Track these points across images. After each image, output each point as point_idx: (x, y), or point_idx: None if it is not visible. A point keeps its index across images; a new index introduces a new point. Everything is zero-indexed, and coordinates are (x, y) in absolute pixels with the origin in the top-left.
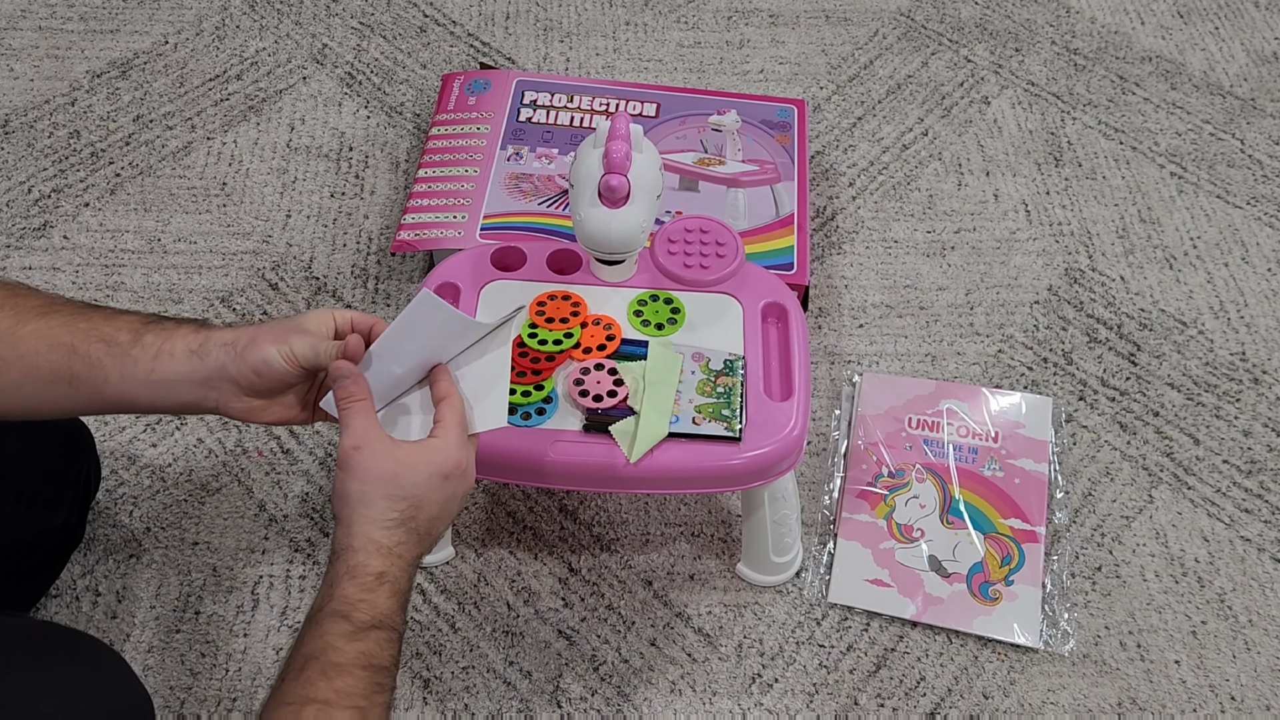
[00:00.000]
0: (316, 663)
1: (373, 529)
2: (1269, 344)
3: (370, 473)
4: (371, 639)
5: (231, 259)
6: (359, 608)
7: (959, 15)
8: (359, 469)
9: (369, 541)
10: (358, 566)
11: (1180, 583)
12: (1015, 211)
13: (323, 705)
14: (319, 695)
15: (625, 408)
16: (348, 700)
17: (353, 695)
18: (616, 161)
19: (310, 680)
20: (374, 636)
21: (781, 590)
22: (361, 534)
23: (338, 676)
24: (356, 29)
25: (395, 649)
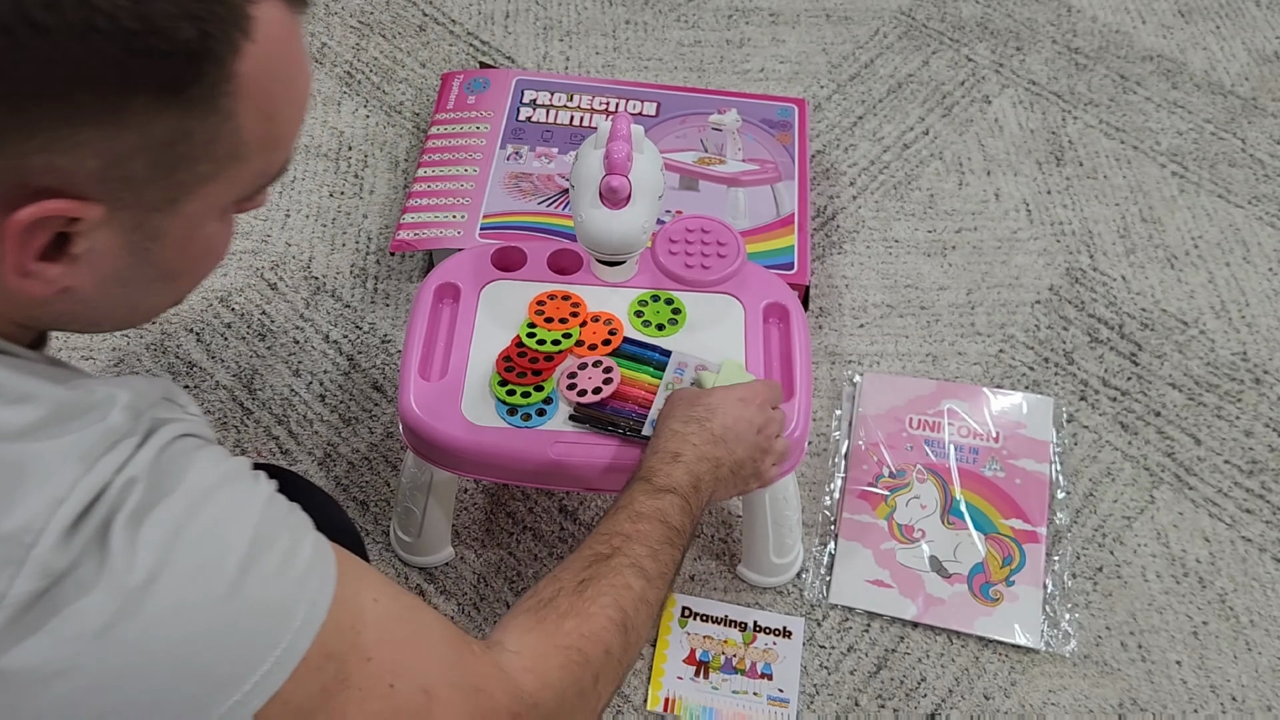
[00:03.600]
0: (624, 510)
1: (673, 421)
2: (1270, 344)
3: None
4: (666, 500)
5: (230, 258)
6: (658, 474)
7: (960, 14)
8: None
9: (667, 430)
10: (660, 447)
11: (1181, 583)
12: (1016, 211)
13: (625, 538)
14: (623, 529)
15: (616, 405)
16: (645, 540)
17: (650, 538)
18: (618, 162)
19: (618, 520)
20: (669, 499)
21: (782, 591)
22: (664, 427)
23: (640, 521)
24: (355, 28)
25: (688, 518)
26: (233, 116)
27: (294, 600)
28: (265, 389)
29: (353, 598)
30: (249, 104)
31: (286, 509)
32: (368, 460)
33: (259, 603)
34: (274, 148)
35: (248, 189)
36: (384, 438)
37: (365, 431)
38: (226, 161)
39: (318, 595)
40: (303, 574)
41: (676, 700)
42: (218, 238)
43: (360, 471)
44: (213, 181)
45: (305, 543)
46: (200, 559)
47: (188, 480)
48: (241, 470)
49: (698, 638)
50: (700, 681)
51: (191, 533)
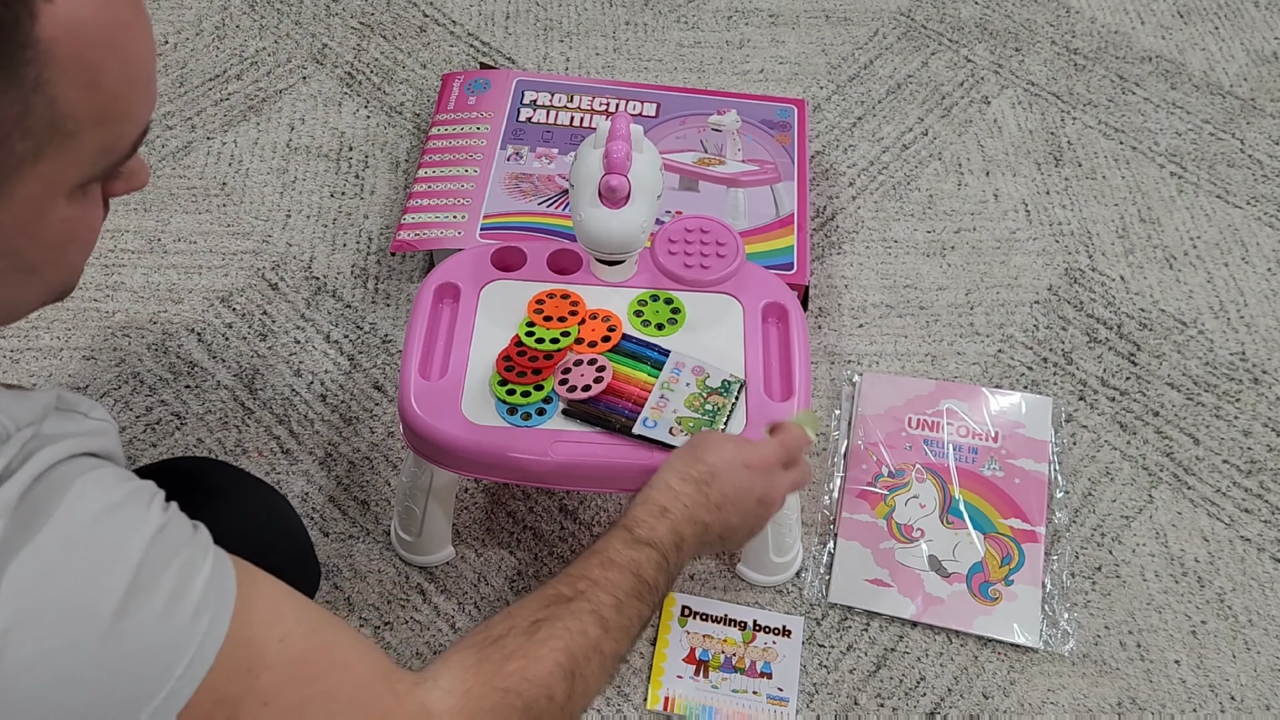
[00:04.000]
0: (596, 555)
1: (669, 475)
2: (1269, 344)
3: (687, 444)
4: (644, 553)
5: (231, 259)
6: (641, 525)
7: (959, 15)
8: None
9: (662, 483)
10: (648, 498)
11: (1180, 582)
12: (1015, 211)
13: (592, 583)
14: (591, 575)
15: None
16: (612, 589)
17: (617, 588)
18: (617, 162)
19: (588, 565)
20: (646, 553)
21: (781, 590)
22: (660, 479)
23: (611, 569)
24: (356, 29)
25: (663, 575)
26: (43, 87)
27: (178, 645)
28: (266, 389)
29: (257, 638)
30: (62, 73)
31: (179, 541)
32: (368, 460)
33: (137, 649)
34: (112, 120)
35: (94, 167)
36: (385, 437)
37: (366, 431)
38: (50, 138)
39: (207, 637)
40: (191, 615)
41: (676, 699)
42: (77, 222)
43: (361, 471)
44: (40, 160)
45: (198, 580)
46: (70, 603)
47: (62, 514)
48: (133, 497)
49: (697, 637)
50: (700, 680)
51: (62, 574)
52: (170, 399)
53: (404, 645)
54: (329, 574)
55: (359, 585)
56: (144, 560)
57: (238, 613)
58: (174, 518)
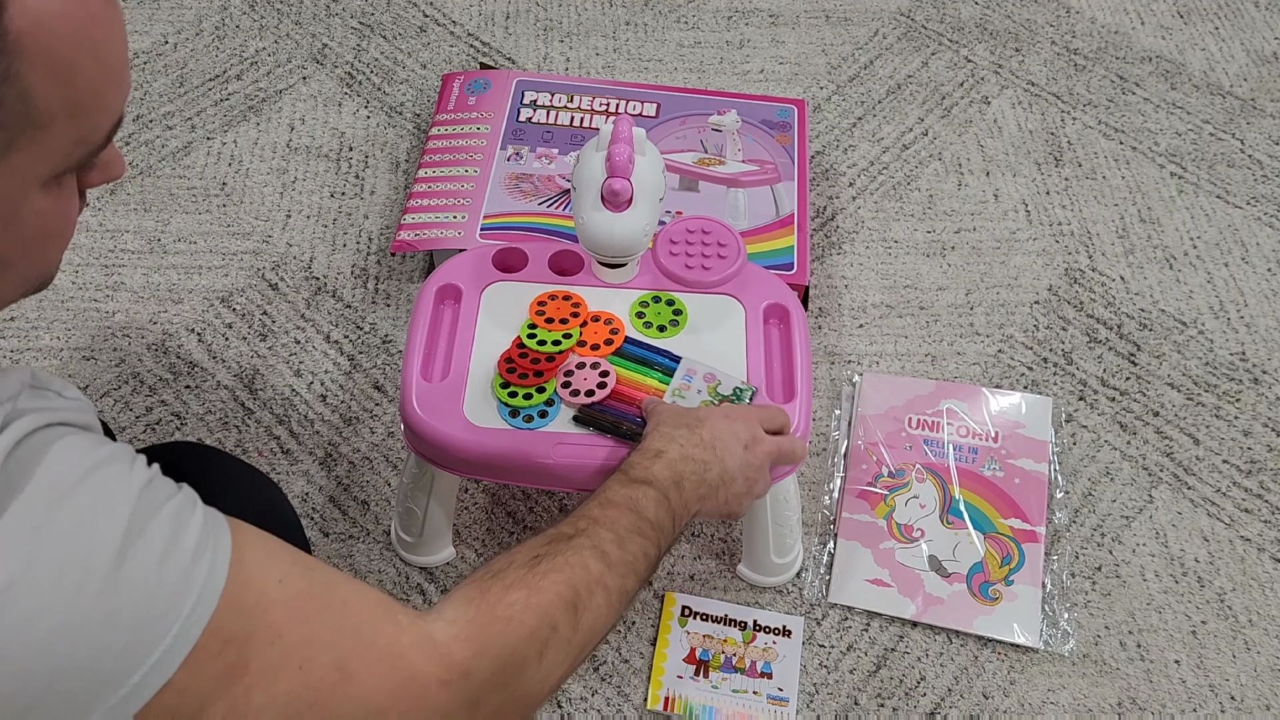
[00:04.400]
0: (595, 497)
1: (661, 426)
2: (1269, 344)
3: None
4: (641, 490)
5: (231, 259)
6: (635, 466)
7: (959, 15)
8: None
9: (656, 431)
10: (644, 445)
11: (1180, 582)
12: (1015, 211)
13: (592, 521)
14: (590, 514)
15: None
16: (611, 526)
17: (617, 525)
18: (619, 165)
19: (587, 506)
20: (644, 490)
21: (782, 590)
22: (651, 431)
23: (609, 508)
24: (356, 29)
25: (665, 513)
26: (14, 79)
27: (181, 587)
28: (266, 389)
29: (256, 577)
30: (33, 65)
31: (166, 493)
32: (369, 460)
33: (140, 595)
34: (84, 113)
35: (66, 159)
36: (385, 438)
37: (366, 431)
38: (22, 130)
39: (209, 579)
40: (189, 560)
41: (676, 699)
42: (50, 215)
43: (361, 471)
44: (12, 152)
45: (191, 525)
46: (67, 556)
47: (45, 475)
48: (114, 457)
49: (697, 637)
50: (700, 680)
51: (54, 530)
52: (170, 399)
53: None
54: None
55: None
56: (134, 512)
57: (235, 556)
58: (156, 475)
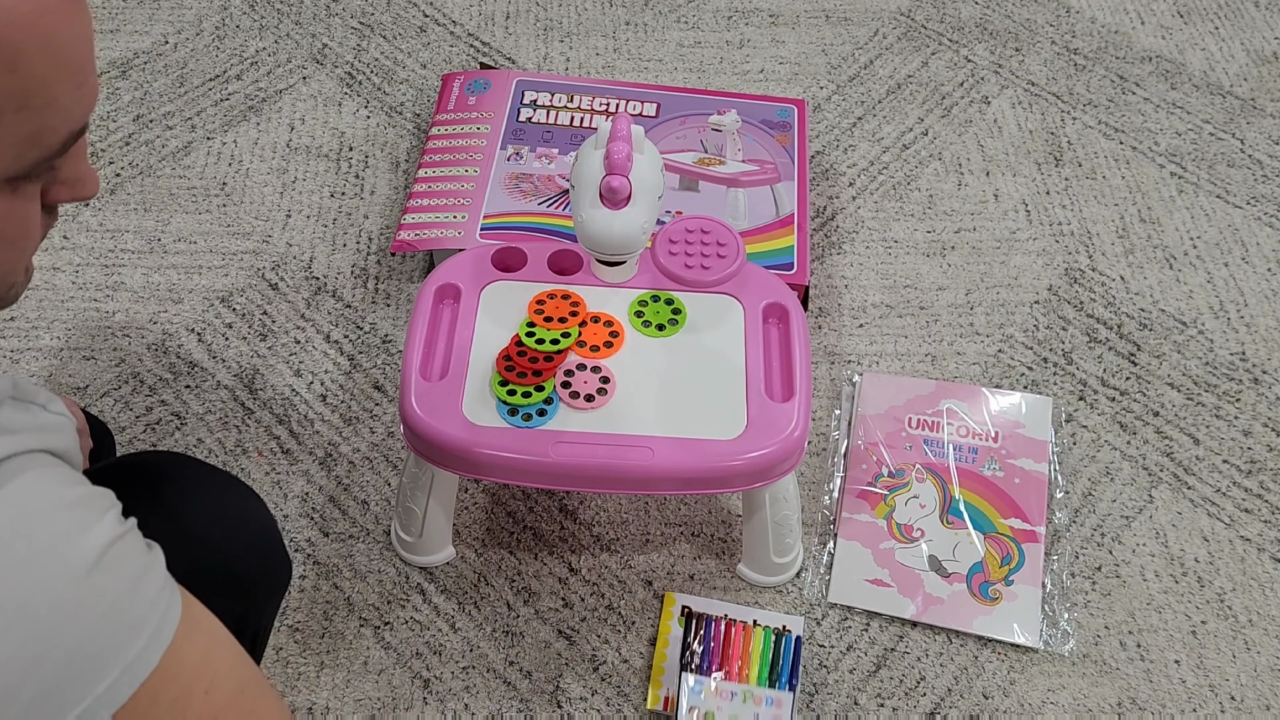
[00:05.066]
0: None
1: None
2: (1269, 344)
3: None
4: None
5: (231, 259)
6: None
7: (959, 15)
8: None
9: None
10: None
11: (1180, 582)
12: (1015, 211)
13: None
14: None
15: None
16: None
17: None
18: (618, 163)
19: None
20: None
21: (782, 590)
22: None
23: None
24: (356, 29)
25: None
26: None
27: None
28: (266, 389)
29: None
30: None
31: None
32: (369, 460)
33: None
34: (33, 108)
35: (19, 160)
36: (385, 437)
37: (366, 431)
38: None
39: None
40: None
41: (676, 699)
42: (4, 218)
43: (361, 471)
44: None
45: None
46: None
47: (8, 503)
48: (86, 502)
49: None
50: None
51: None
52: (170, 399)
53: (404, 645)
54: (329, 574)
55: (359, 585)
56: (95, 564)
57: (175, 644)
58: (130, 531)
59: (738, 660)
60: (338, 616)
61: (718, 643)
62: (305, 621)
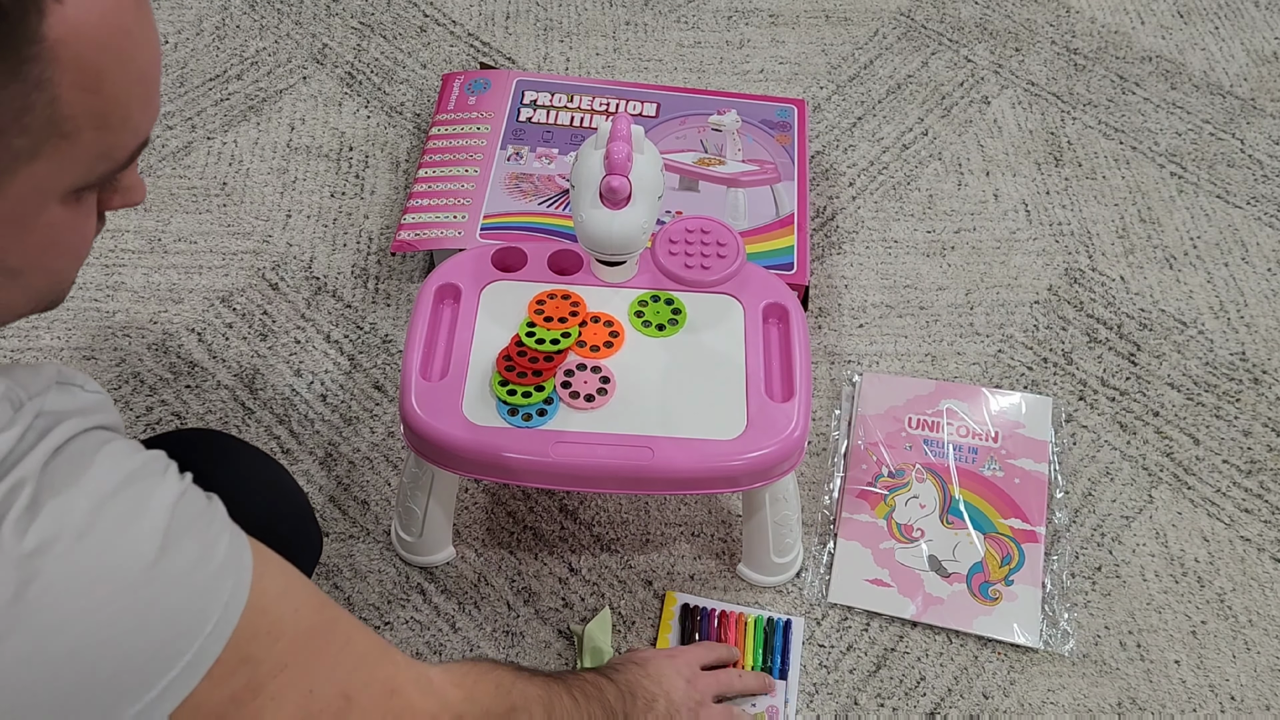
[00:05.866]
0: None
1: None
2: (1269, 344)
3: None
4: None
5: (231, 259)
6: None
7: (959, 15)
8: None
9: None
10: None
11: (1180, 583)
12: (1015, 211)
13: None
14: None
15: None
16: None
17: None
18: (618, 163)
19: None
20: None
21: (782, 590)
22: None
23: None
24: (356, 29)
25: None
26: (45, 86)
27: (206, 603)
28: (266, 389)
29: (272, 605)
30: (66, 74)
31: (199, 509)
32: (369, 460)
33: (167, 607)
34: (111, 127)
35: (88, 173)
36: (385, 437)
37: (366, 431)
38: (47, 137)
39: (232, 598)
40: (215, 576)
41: None
42: (65, 229)
43: (361, 471)
44: (35, 160)
45: (220, 544)
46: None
47: (87, 482)
48: (149, 467)
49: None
50: None
51: (90, 538)
52: (170, 399)
53: (404, 645)
54: (329, 574)
55: (359, 585)
56: (169, 525)
57: (255, 580)
58: (190, 487)
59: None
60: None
61: (713, 635)
62: None
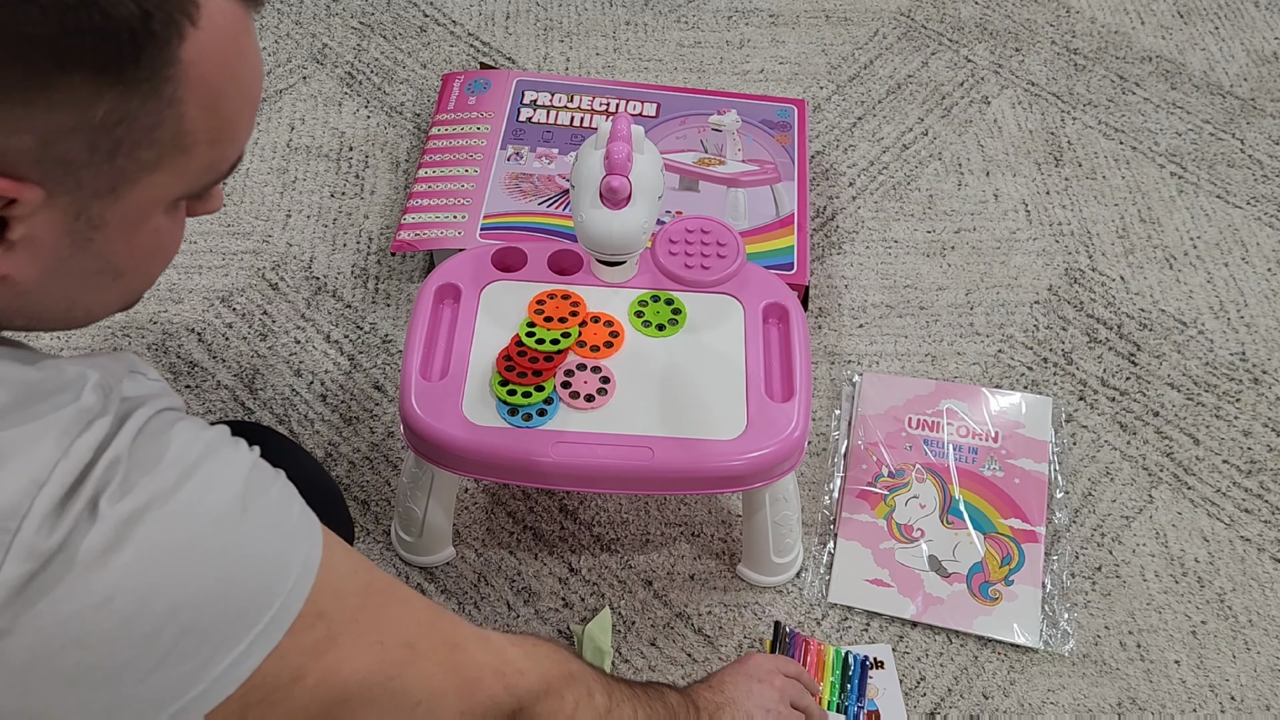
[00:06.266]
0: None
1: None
2: (1269, 344)
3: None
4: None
5: (231, 259)
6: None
7: (959, 15)
8: None
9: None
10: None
11: (1180, 583)
12: (1015, 211)
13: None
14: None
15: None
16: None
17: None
18: (618, 163)
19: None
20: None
21: (782, 590)
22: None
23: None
24: (356, 29)
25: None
26: (176, 104)
27: (287, 559)
28: (266, 389)
29: (339, 564)
30: (193, 93)
31: (271, 475)
32: (369, 460)
33: (252, 561)
34: (221, 143)
35: (195, 184)
36: (385, 437)
37: (366, 431)
38: (170, 151)
39: (309, 556)
40: (292, 535)
41: None
42: (166, 234)
43: (361, 471)
44: (156, 171)
45: (293, 507)
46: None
47: (171, 455)
48: (222, 438)
49: None
50: None
51: (179, 502)
52: None
53: None
54: None
55: None
56: (247, 487)
57: (325, 543)
58: (258, 458)
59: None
60: None
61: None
62: None
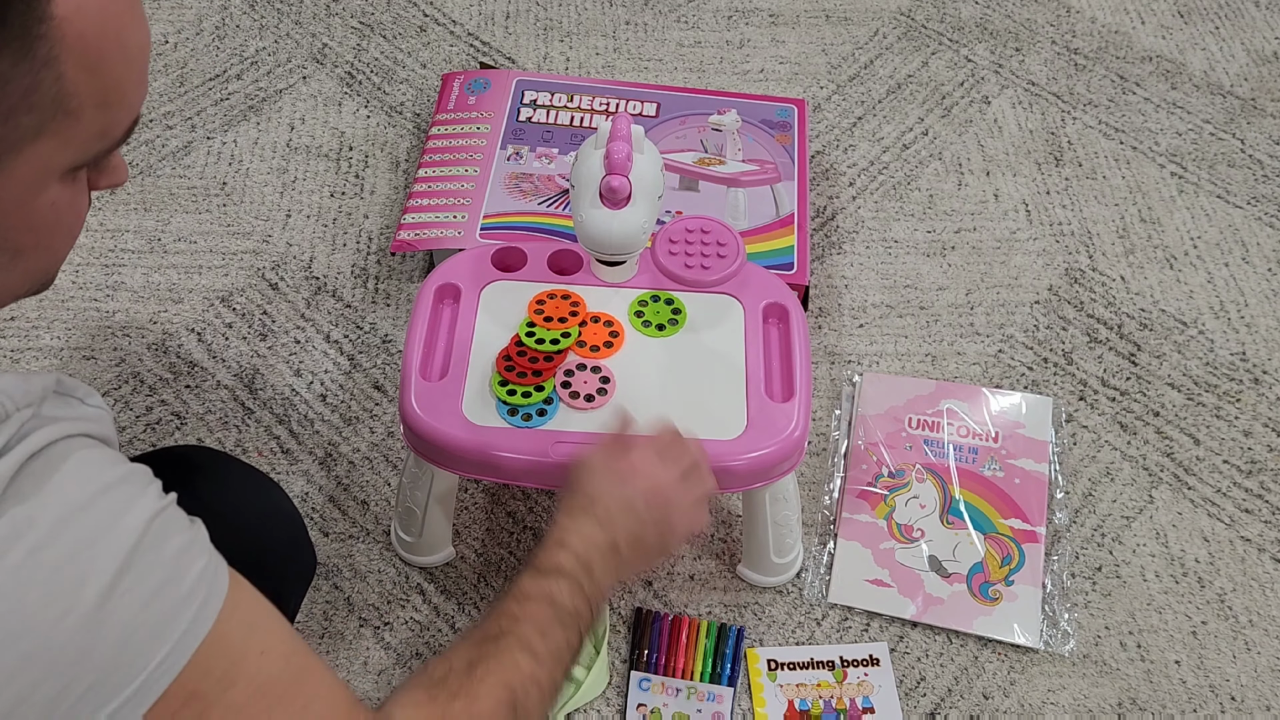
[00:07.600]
0: (510, 593)
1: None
2: (1269, 344)
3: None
4: (552, 580)
5: (231, 259)
6: (542, 559)
7: (959, 15)
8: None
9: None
10: (545, 538)
11: (1180, 583)
12: (1015, 211)
13: (513, 619)
14: (510, 611)
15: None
16: (532, 620)
17: (537, 619)
18: (618, 163)
19: (505, 603)
20: (555, 581)
21: (782, 590)
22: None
23: (526, 602)
24: (356, 29)
25: (580, 600)
26: (53, 64)
27: (161, 632)
28: (266, 389)
29: (236, 643)
30: (70, 53)
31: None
32: (369, 460)
33: (117, 635)
34: (109, 106)
35: (87, 152)
36: (385, 437)
37: (366, 431)
38: (52, 115)
39: (191, 628)
40: (177, 604)
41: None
42: (65, 208)
43: (361, 471)
44: (40, 138)
45: (191, 570)
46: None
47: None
48: (128, 481)
49: (791, 688)
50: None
51: (49, 550)
52: (170, 399)
53: (404, 645)
54: (329, 574)
55: (359, 585)
56: (138, 543)
57: (224, 613)
58: (170, 507)
59: (683, 656)
60: (337, 617)
61: (664, 637)
62: (305, 622)
